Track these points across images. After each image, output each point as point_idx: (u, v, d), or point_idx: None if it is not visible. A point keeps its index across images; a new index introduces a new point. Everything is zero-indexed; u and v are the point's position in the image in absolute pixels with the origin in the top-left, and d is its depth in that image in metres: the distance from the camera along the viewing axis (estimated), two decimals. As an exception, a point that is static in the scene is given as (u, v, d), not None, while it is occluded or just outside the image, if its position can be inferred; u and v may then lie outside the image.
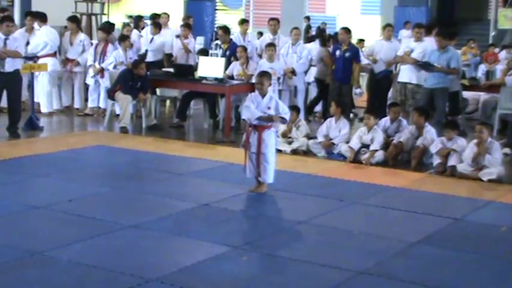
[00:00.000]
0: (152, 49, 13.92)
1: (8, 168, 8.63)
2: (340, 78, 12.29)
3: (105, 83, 12.55)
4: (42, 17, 12.96)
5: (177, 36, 14.00)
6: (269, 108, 7.71)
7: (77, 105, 13.28)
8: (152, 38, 14.03)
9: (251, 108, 7.69)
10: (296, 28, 12.96)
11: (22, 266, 5.44)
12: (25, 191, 7.69)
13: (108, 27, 13.90)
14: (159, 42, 14.01)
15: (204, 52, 13.49)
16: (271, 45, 12.02)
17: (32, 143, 10.38)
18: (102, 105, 12.85)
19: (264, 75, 7.87)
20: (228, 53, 12.65)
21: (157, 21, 14.72)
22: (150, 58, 13.75)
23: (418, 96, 11.55)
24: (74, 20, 13.63)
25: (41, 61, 11.94)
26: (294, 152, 10.16)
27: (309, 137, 10.44)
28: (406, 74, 11.83)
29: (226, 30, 13.16)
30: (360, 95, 14.00)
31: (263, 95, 7.76)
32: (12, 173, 8.41)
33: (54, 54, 12.85)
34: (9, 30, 10.71)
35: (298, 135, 10.36)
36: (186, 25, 14.43)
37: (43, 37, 12.66)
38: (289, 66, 12.36)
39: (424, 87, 11.39)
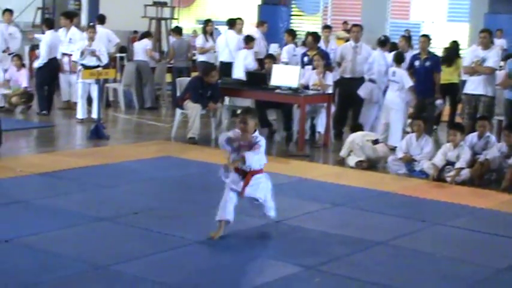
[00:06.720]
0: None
1: (74, 178, 8.86)
2: (423, 91, 12.14)
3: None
4: None
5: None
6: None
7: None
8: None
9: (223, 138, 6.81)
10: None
11: (86, 279, 5.59)
12: (90, 202, 7.87)
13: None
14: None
15: (271, 58, 13.52)
16: None
17: (97, 153, 10.62)
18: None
19: (249, 113, 6.94)
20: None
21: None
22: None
23: (493, 109, 11.37)
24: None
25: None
26: (358, 164, 10.18)
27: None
28: (479, 86, 11.40)
29: (316, 37, 13.22)
30: (441, 107, 13.83)
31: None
32: (78, 183, 8.64)
33: None
34: None
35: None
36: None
37: None
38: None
39: (505, 98, 11.23)
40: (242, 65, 13.95)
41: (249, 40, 14.45)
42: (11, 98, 14.06)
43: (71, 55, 13.90)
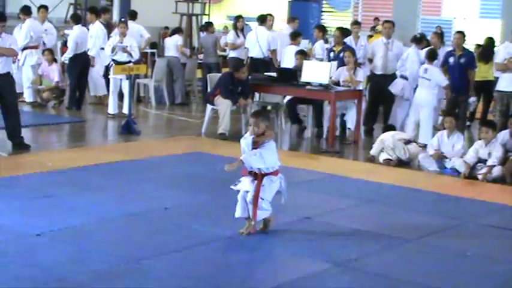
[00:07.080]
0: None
1: (105, 173, 8.92)
2: (457, 88, 11.98)
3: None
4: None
5: None
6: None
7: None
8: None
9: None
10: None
11: (118, 274, 5.62)
12: (121, 197, 7.91)
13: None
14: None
15: (302, 53, 13.49)
16: None
17: (128, 148, 10.68)
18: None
19: (260, 115, 6.91)
20: (341, 55, 12.62)
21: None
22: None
23: None
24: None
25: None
26: (386, 162, 10.12)
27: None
28: (510, 83, 11.37)
29: (344, 32, 13.17)
30: (474, 104, 13.71)
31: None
32: (109, 178, 8.69)
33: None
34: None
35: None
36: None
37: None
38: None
39: None
40: (292, 60, 13.94)
41: (295, 36, 14.52)
42: (42, 93, 14.18)
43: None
